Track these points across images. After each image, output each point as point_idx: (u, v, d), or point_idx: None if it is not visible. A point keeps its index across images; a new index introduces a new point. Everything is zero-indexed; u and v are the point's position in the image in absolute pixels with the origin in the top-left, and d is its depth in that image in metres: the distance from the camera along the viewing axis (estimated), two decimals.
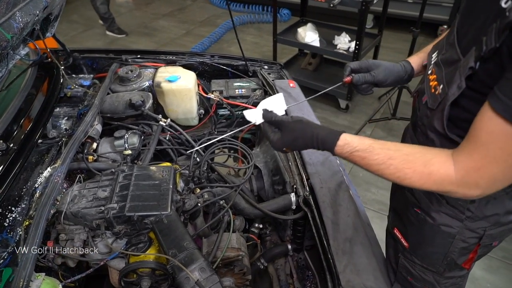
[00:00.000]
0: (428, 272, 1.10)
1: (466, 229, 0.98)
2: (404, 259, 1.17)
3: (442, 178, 0.73)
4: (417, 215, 1.03)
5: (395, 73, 1.06)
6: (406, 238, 1.12)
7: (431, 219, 0.99)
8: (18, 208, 1.12)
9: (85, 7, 5.87)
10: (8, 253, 0.97)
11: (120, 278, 1.01)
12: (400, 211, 1.13)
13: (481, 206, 0.94)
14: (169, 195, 1.11)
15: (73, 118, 1.54)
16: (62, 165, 1.14)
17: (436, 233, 1.01)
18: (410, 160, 0.77)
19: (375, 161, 0.80)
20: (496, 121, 0.62)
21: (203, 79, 1.94)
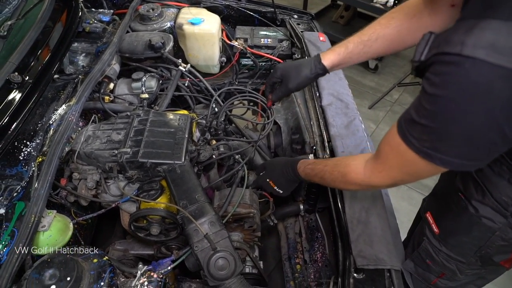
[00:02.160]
0: (452, 260, 1.05)
1: (509, 227, 0.90)
2: (428, 243, 1.10)
3: (354, 177, 0.86)
4: (459, 202, 0.95)
5: (304, 79, 1.04)
6: (438, 224, 1.06)
7: (473, 208, 0.92)
8: (33, 143, 1.11)
9: None
10: (21, 187, 0.97)
11: (130, 222, 1.01)
12: (442, 195, 1.06)
13: None
14: (184, 144, 1.07)
15: (91, 55, 1.48)
16: (77, 103, 1.11)
17: (474, 224, 0.94)
18: (337, 164, 0.93)
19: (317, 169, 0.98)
20: (396, 139, 0.69)
21: (228, 25, 1.83)
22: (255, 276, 1.23)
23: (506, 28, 0.49)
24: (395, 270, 0.89)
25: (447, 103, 0.57)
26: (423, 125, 0.62)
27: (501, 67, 0.49)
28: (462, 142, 0.60)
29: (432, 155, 0.63)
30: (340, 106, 1.29)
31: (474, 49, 0.50)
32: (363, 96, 3.05)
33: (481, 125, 0.57)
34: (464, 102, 0.55)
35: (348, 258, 0.90)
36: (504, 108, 0.53)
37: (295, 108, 1.37)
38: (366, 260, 0.88)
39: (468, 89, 0.53)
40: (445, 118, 0.59)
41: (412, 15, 0.92)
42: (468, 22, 0.53)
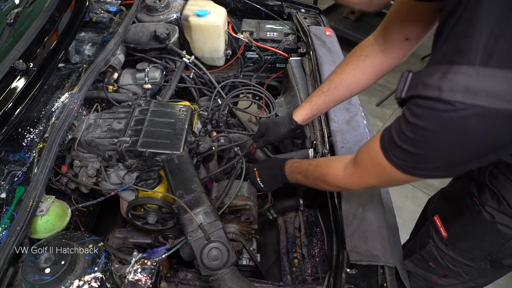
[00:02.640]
0: (459, 264, 1.04)
1: None
2: (434, 246, 1.09)
3: (333, 179, 0.90)
4: (473, 207, 0.94)
5: (281, 134, 1.15)
6: (447, 228, 1.05)
7: (488, 215, 0.91)
8: (36, 129, 1.13)
9: None
10: (22, 172, 1.00)
11: (127, 210, 1.02)
12: (454, 200, 1.04)
13: None
14: (183, 135, 1.08)
15: (97, 44, 1.49)
16: (79, 92, 1.12)
17: (488, 229, 0.93)
18: (319, 165, 0.97)
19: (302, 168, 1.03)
20: (378, 152, 0.72)
21: (235, 17, 1.82)
22: (251, 269, 1.23)
23: (475, 72, 0.53)
24: (389, 266, 0.88)
25: (427, 133, 0.61)
26: (403, 149, 0.66)
27: (476, 106, 0.54)
28: (441, 165, 0.66)
29: (413, 172, 0.68)
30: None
31: (451, 93, 0.55)
32: (371, 93, 3.02)
33: (460, 154, 0.62)
34: (444, 134, 0.60)
35: (342, 253, 0.90)
36: (480, 140, 0.58)
37: (298, 102, 1.36)
38: (360, 256, 0.88)
39: (446, 123, 0.58)
40: (425, 146, 0.63)
41: (364, 57, 0.99)
42: (441, 67, 0.57)
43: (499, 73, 0.53)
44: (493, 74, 0.53)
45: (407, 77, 0.64)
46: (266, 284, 1.05)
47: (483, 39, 0.53)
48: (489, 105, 0.54)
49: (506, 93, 0.53)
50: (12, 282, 0.81)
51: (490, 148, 0.60)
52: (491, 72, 0.53)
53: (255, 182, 1.19)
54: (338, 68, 1.04)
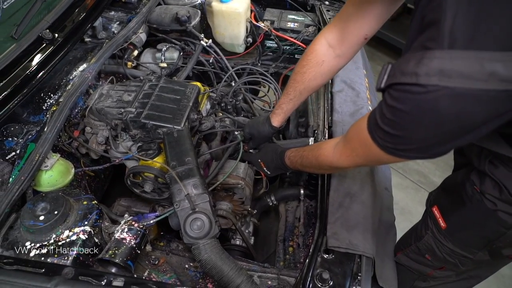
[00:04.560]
0: (456, 256, 1.02)
1: None
2: (432, 238, 1.08)
3: (324, 158, 0.94)
4: (474, 195, 0.93)
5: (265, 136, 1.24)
6: (446, 218, 1.04)
7: (490, 203, 0.90)
8: (56, 95, 1.22)
9: None
10: (36, 131, 1.09)
11: (126, 176, 1.08)
12: (453, 188, 1.03)
13: None
14: (186, 111, 1.12)
15: (123, 23, 1.57)
16: (95, 62, 1.20)
17: (489, 217, 0.92)
18: (312, 149, 1.02)
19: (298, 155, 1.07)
20: (365, 133, 0.75)
21: (260, 6, 1.84)
22: (243, 249, 1.26)
23: (448, 55, 0.55)
24: (367, 257, 0.88)
25: (404, 115, 0.64)
26: (385, 130, 0.69)
27: (446, 87, 0.55)
28: (419, 145, 0.68)
29: (394, 152, 0.71)
30: (350, 94, 1.27)
31: (427, 77, 0.57)
32: None
33: (435, 135, 0.64)
34: (418, 116, 0.62)
35: (321, 238, 0.91)
36: (453, 121, 0.59)
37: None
38: (338, 242, 0.88)
39: (420, 105, 0.60)
40: (403, 127, 0.66)
41: (321, 62, 1.05)
42: (416, 54, 0.59)
43: (469, 54, 0.54)
44: (464, 56, 0.54)
45: (387, 68, 0.66)
46: (248, 262, 1.07)
47: (448, 23, 0.55)
48: (461, 85, 0.54)
49: (479, 73, 0.53)
50: (13, 225, 0.89)
51: (464, 129, 0.61)
52: (462, 54, 0.54)
53: (262, 170, 1.24)
54: (298, 76, 1.11)
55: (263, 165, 1.20)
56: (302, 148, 1.08)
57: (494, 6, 0.53)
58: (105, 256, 0.87)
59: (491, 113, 0.58)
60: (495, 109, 0.57)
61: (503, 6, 0.52)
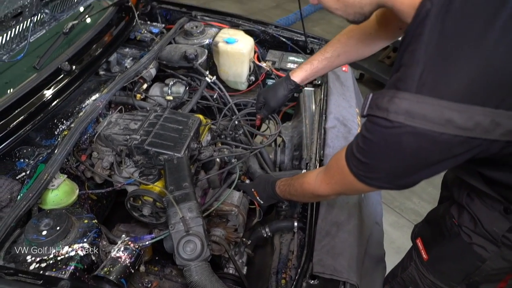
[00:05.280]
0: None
1: (500, 257, 0.93)
2: (415, 269, 1.13)
3: (307, 186, 1.00)
4: (452, 228, 0.99)
5: (282, 97, 1.30)
6: (428, 250, 1.09)
7: (466, 235, 0.96)
8: (68, 122, 1.32)
9: None
10: (47, 153, 1.17)
11: (127, 199, 1.15)
12: (435, 221, 1.09)
13: None
14: (186, 140, 1.20)
15: (136, 59, 1.70)
16: (107, 93, 1.30)
17: (466, 251, 0.97)
18: (298, 178, 1.07)
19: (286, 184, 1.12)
20: (342, 161, 0.81)
21: (263, 48, 1.98)
22: (235, 278, 1.29)
23: (415, 99, 0.62)
24: (350, 283, 0.91)
25: (373, 145, 0.71)
26: (358, 158, 0.76)
27: (409, 125, 0.63)
28: (387, 175, 0.75)
29: (365, 180, 0.78)
30: (342, 130, 1.35)
31: (396, 115, 0.64)
32: None
33: (398, 166, 0.71)
34: (384, 147, 0.70)
35: (307, 265, 0.94)
36: (413, 156, 0.67)
37: (302, 127, 1.45)
38: (323, 269, 0.92)
39: (387, 139, 0.68)
40: (372, 156, 0.74)
41: (368, 33, 1.11)
42: (390, 92, 0.66)
43: (433, 101, 0.61)
44: (429, 102, 0.61)
45: (369, 98, 0.73)
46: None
47: (418, 70, 0.62)
48: (422, 126, 0.61)
49: (438, 118, 0.61)
50: (17, 240, 0.95)
51: (422, 164, 0.68)
52: (427, 100, 0.61)
53: (255, 199, 1.29)
54: (342, 37, 1.15)
55: (256, 194, 1.25)
56: (291, 177, 1.14)
57: (456, 63, 0.60)
58: (100, 273, 0.91)
59: (445, 153, 0.65)
60: (449, 150, 0.64)
61: (462, 65, 0.60)
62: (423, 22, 0.62)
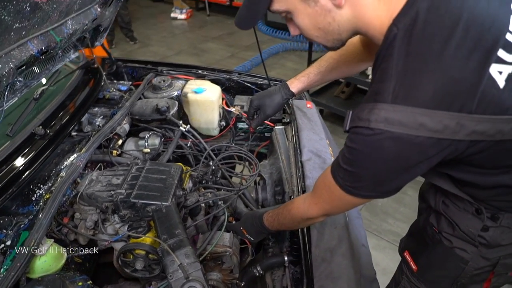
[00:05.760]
0: None
1: (480, 256, 0.99)
2: (407, 281, 1.17)
3: (296, 211, 1.03)
4: (434, 236, 1.06)
5: (278, 104, 1.32)
6: (416, 260, 1.14)
7: (447, 241, 1.02)
8: (45, 186, 1.29)
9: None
10: (28, 220, 1.13)
11: (118, 256, 1.12)
12: (417, 232, 1.16)
13: (496, 235, 0.96)
14: (172, 189, 1.22)
15: (107, 117, 1.73)
16: (85, 152, 1.31)
17: (449, 256, 1.03)
18: (286, 205, 1.11)
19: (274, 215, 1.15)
20: (329, 178, 0.87)
21: (229, 94, 2.08)
22: None
23: (392, 108, 0.71)
24: None
25: (357, 153, 0.78)
26: (344, 169, 0.82)
27: (388, 131, 0.71)
28: (371, 183, 0.81)
29: (352, 191, 0.84)
30: (318, 161, 1.43)
31: (376, 123, 0.72)
32: None
33: (381, 170, 0.78)
34: (367, 153, 0.77)
35: None
36: (394, 159, 0.75)
37: (279, 163, 1.52)
38: None
39: (370, 145, 0.75)
40: (357, 164, 0.80)
41: (355, 54, 1.21)
42: (369, 105, 0.75)
43: (407, 109, 0.70)
44: (403, 110, 0.71)
45: (349, 114, 0.81)
46: None
47: (392, 84, 0.73)
48: (399, 131, 0.70)
49: (412, 123, 0.70)
50: None
51: (402, 168, 0.76)
52: (401, 108, 0.71)
53: (245, 238, 1.30)
54: (335, 55, 1.23)
55: (245, 232, 1.27)
56: (278, 208, 1.17)
57: (421, 76, 0.71)
58: None
59: (421, 155, 0.74)
60: (424, 152, 0.73)
61: (427, 77, 0.71)
62: (391, 44, 0.73)
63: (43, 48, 1.16)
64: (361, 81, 3.37)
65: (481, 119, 0.71)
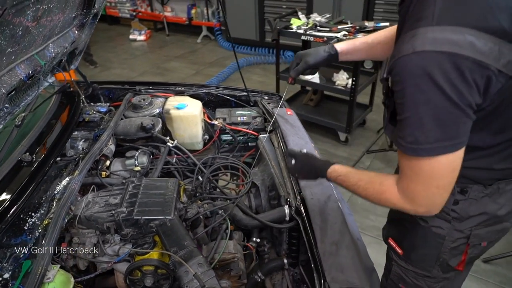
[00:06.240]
0: (420, 277, 1.17)
1: (454, 229, 1.08)
2: (397, 266, 1.25)
3: (390, 195, 0.94)
4: (411, 219, 1.13)
5: (320, 56, 1.34)
6: (400, 245, 1.22)
7: (423, 221, 1.10)
8: (37, 213, 1.25)
9: None
10: (28, 249, 1.09)
11: (126, 275, 1.11)
12: (396, 219, 1.24)
13: (464, 207, 1.05)
14: (173, 202, 1.23)
15: (89, 140, 1.70)
16: (79, 174, 1.28)
17: (428, 235, 1.11)
18: (372, 181, 1.00)
19: (350, 182, 1.06)
20: (404, 157, 0.85)
21: (209, 109, 2.11)
22: None
23: (437, 29, 0.72)
24: None
25: (409, 89, 0.76)
26: (402, 120, 0.80)
27: (441, 52, 0.71)
28: (432, 124, 0.77)
29: (416, 149, 0.80)
30: None
31: (423, 45, 0.72)
32: None
33: (438, 99, 0.74)
34: (419, 83, 0.74)
35: (323, 285, 1.01)
36: (446, 80, 0.72)
37: (270, 170, 1.56)
38: (339, 284, 0.99)
39: (418, 72, 0.73)
40: (412, 103, 0.77)
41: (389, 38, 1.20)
42: (409, 34, 0.75)
43: (455, 28, 0.72)
44: (451, 29, 0.72)
45: (386, 61, 0.82)
46: None
47: (435, 8, 0.74)
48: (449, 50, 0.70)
49: (463, 41, 0.71)
50: None
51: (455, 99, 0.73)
52: (449, 28, 0.72)
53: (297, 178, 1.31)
54: (386, 31, 1.25)
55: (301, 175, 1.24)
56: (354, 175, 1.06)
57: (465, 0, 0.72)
58: None
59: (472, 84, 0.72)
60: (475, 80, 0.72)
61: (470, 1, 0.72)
62: None
63: (30, 72, 1.15)
64: (327, 87, 3.52)
65: None
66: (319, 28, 3.29)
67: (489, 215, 1.06)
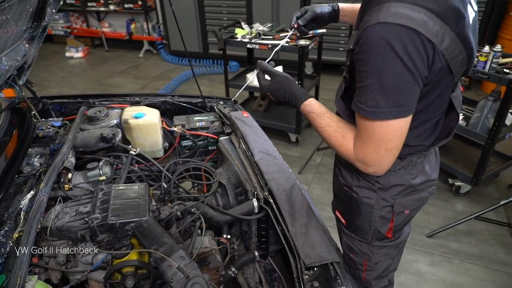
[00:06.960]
0: (363, 244, 1.33)
1: (380, 198, 1.25)
2: (345, 236, 1.41)
3: (346, 150, 1.06)
4: (346, 193, 1.30)
5: (326, 8, 1.42)
6: (343, 216, 1.39)
7: (355, 194, 1.26)
8: (1, 231, 1.20)
9: None
10: (2, 262, 1.06)
11: (106, 280, 1.11)
12: (337, 193, 1.41)
13: (386, 178, 1.22)
14: (146, 203, 1.26)
15: (45, 155, 1.65)
16: (45, 186, 1.26)
17: (360, 205, 1.27)
18: (337, 131, 1.08)
19: (319, 123, 1.11)
20: (361, 120, 0.94)
21: (166, 117, 2.14)
22: None
23: (399, 5, 0.82)
24: (336, 262, 1.11)
25: (373, 57, 0.84)
26: (365, 86, 0.88)
27: (400, 24, 0.80)
28: (392, 90, 0.86)
29: (376, 112, 0.88)
30: (269, 159, 1.60)
31: (385, 18, 0.82)
32: (291, 165, 3.45)
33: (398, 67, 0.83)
34: (382, 51, 0.83)
35: (299, 262, 1.11)
36: (405, 51, 0.82)
37: (234, 168, 1.64)
38: (312, 259, 1.10)
39: (381, 41, 0.82)
40: (375, 70, 0.85)
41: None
42: (375, 8, 0.85)
43: (414, 7, 0.82)
44: (411, 7, 0.83)
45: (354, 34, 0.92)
46: None
47: None
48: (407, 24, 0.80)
49: (419, 19, 0.81)
50: None
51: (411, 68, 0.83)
52: (409, 6, 0.82)
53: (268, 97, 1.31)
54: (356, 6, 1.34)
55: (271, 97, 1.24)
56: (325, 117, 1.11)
57: None
58: None
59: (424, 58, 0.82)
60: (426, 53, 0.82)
61: None
62: None
63: None
64: None
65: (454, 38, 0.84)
66: (263, 37, 3.47)
67: (405, 185, 1.24)
